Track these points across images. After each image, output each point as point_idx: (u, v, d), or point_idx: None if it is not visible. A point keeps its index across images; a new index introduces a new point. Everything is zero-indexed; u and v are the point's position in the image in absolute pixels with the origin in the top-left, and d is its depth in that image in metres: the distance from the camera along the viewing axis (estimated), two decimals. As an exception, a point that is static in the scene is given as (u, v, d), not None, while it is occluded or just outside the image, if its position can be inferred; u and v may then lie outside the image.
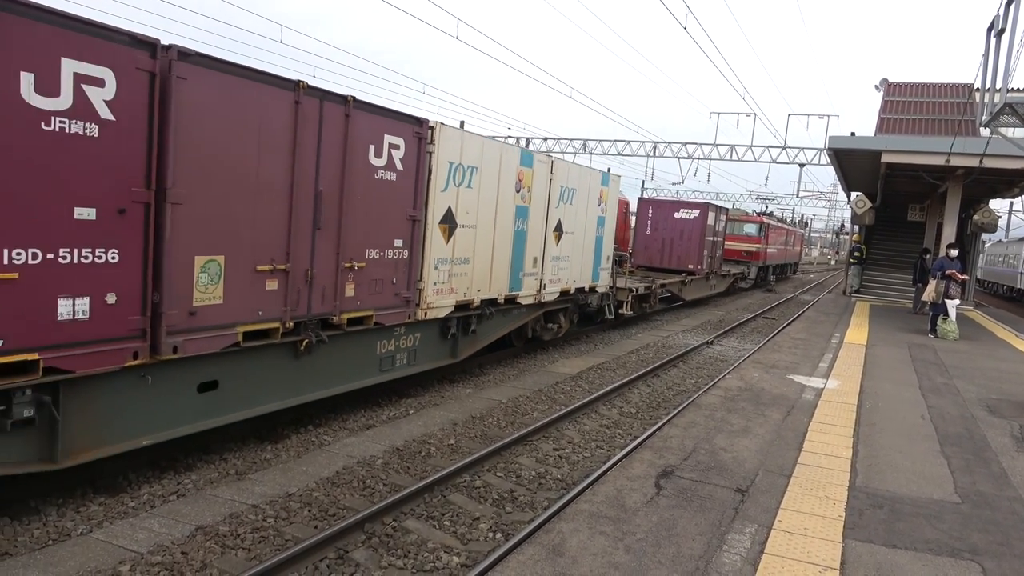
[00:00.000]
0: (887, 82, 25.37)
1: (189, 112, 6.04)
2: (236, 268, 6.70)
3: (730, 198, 60.83)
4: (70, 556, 5.11)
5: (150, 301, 5.94)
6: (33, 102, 4.99)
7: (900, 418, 8.17)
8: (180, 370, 6.43)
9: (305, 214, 7.40)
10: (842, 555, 4.55)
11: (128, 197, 5.66)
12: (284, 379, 7.63)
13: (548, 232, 12.65)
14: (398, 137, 8.56)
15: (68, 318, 5.35)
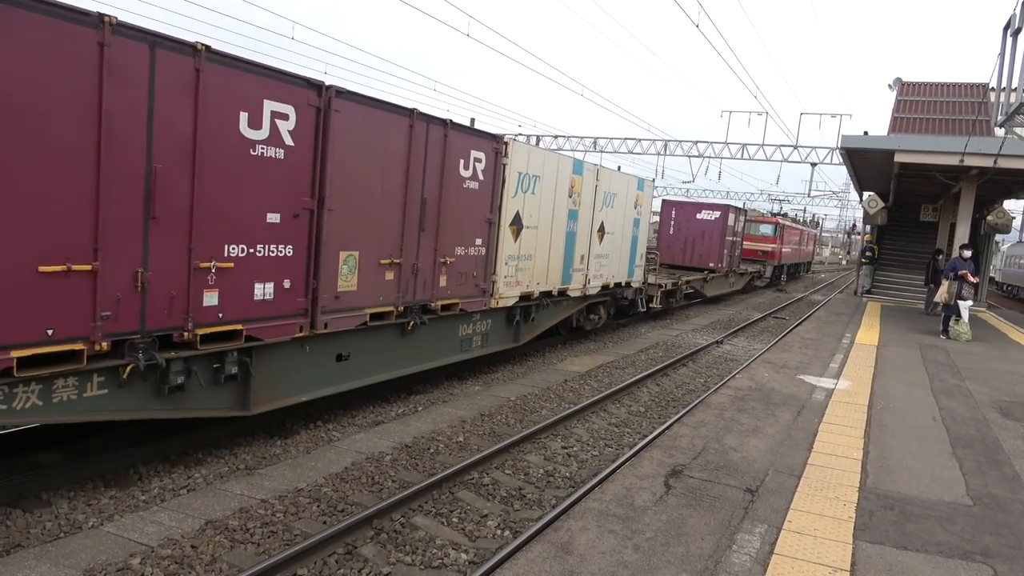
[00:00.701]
0: (901, 81, 25.19)
1: (338, 138, 7.52)
2: (367, 261, 8.26)
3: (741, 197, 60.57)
4: (81, 548, 5.15)
5: (311, 287, 7.51)
6: (246, 134, 6.60)
7: (911, 419, 8.12)
8: (326, 343, 8.03)
9: (413, 218, 8.89)
10: (852, 556, 4.52)
11: (300, 205, 7.25)
12: (392, 354, 9.20)
13: (593, 232, 14.02)
14: (480, 152, 10.06)
15: (260, 298, 6.98)
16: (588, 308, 15.04)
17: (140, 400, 6.21)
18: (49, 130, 5.19)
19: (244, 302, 6.80)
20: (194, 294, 6.33)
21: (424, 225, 9.09)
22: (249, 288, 6.84)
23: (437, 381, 10.93)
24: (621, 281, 15.99)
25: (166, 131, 5.94)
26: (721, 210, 24.97)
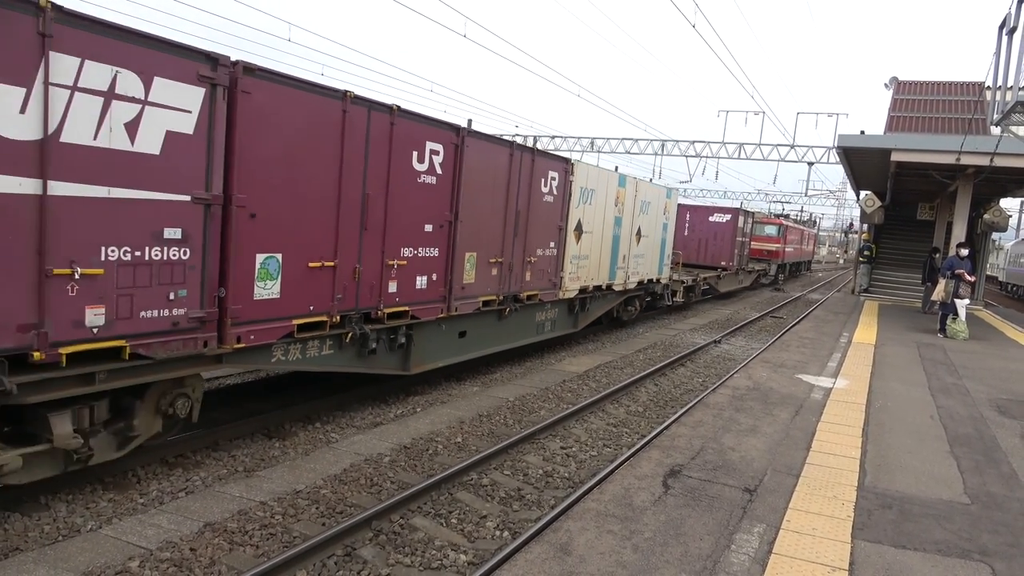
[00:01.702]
0: (897, 80, 25.23)
1: (467, 167, 9.81)
2: (481, 260, 10.60)
3: (739, 197, 60.62)
4: (79, 552, 5.14)
5: (448, 279, 9.85)
6: (415, 167, 8.92)
7: (909, 418, 8.13)
8: (454, 323, 10.37)
9: (510, 226, 11.24)
10: (851, 555, 4.53)
11: (444, 218, 9.60)
12: (493, 333, 11.51)
13: (632, 236, 16.28)
14: (555, 172, 12.40)
15: (419, 288, 9.30)
16: (626, 301, 17.15)
17: (350, 359, 8.51)
18: (316, 171, 7.45)
19: (410, 290, 9.18)
20: (384, 283, 8.67)
21: (517, 231, 11.45)
22: (413, 280, 9.21)
23: (435, 382, 10.93)
24: (653, 278, 18.18)
25: (373, 168, 8.20)
26: (731, 213, 27.20)
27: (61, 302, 5.36)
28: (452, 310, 10.01)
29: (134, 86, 5.63)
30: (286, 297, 7.29)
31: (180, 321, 6.23)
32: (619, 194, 15.15)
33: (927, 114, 22.96)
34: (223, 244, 6.55)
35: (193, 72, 6.06)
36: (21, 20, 4.93)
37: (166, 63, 5.85)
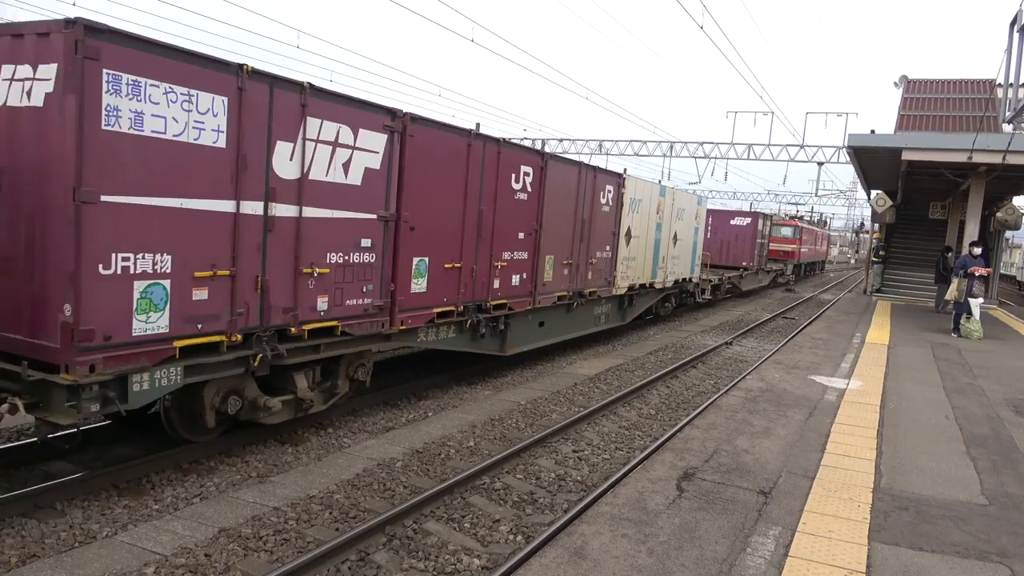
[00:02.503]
0: (906, 79, 25.08)
1: (549, 184, 11.85)
2: (557, 261, 12.56)
3: (748, 197, 60.45)
4: (96, 558, 5.16)
5: (533, 278, 11.79)
6: (513, 186, 10.93)
7: (924, 419, 8.07)
8: (536, 314, 12.34)
9: (578, 233, 13.18)
10: (868, 558, 4.49)
11: (531, 227, 11.61)
12: (563, 324, 13.51)
13: (669, 239, 18.14)
14: (611, 185, 14.41)
15: (514, 284, 11.33)
16: (663, 298, 19.08)
17: (466, 341, 10.56)
18: (449, 192, 9.54)
19: (508, 286, 11.14)
20: (491, 281, 10.70)
21: (582, 237, 13.36)
22: (511, 278, 11.21)
23: (447, 386, 10.94)
24: (687, 277, 20.11)
25: (486, 189, 10.24)
26: (751, 217, 29.61)
27: (305, 292, 7.46)
28: (537, 303, 12.08)
29: (348, 137, 7.71)
30: (430, 291, 9.41)
31: (368, 308, 8.33)
32: (660, 203, 17.20)
33: (938, 112, 22.81)
34: (394, 250, 8.66)
35: (380, 123, 8.13)
36: (293, 98, 7.00)
37: (365, 118, 7.92)
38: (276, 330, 7.13)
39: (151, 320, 5.97)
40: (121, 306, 5.73)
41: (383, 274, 8.44)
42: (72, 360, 5.43)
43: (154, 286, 5.96)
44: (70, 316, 5.42)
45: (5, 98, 5.70)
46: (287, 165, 6.99)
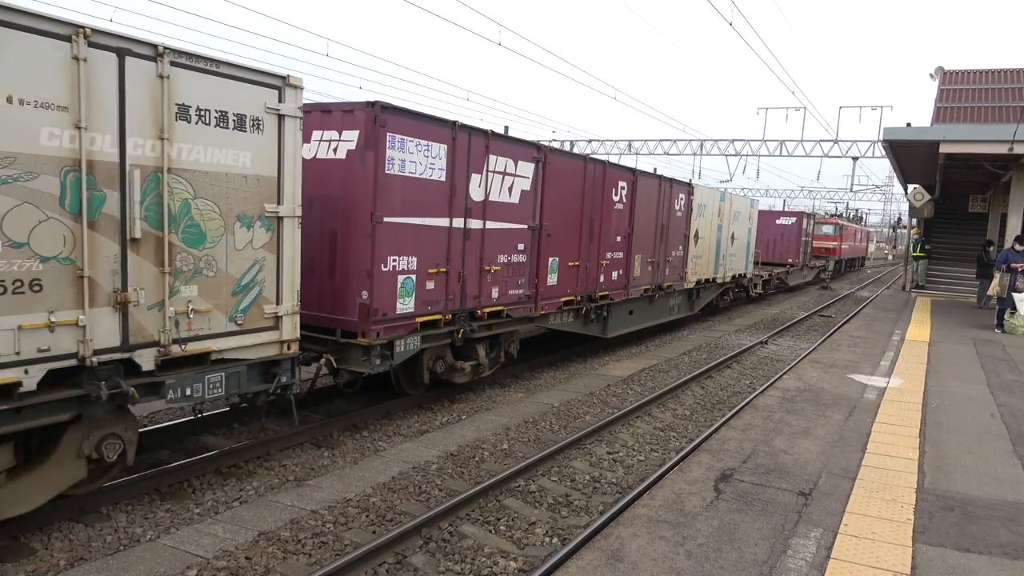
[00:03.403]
0: (943, 70, 24.56)
1: (638, 196, 14.17)
2: (643, 260, 14.84)
3: (781, 194, 59.66)
4: (140, 561, 5.27)
5: (627, 273, 14.07)
6: (613, 198, 13.17)
7: (968, 417, 7.88)
8: (628, 304, 14.57)
9: (658, 233, 15.43)
10: (912, 560, 4.40)
11: (625, 232, 13.86)
12: (645, 313, 15.65)
13: (728, 239, 20.19)
14: (682, 193, 16.58)
15: (613, 279, 13.63)
16: (721, 293, 21.01)
17: (580, 324, 12.84)
18: (571, 204, 11.85)
19: (609, 281, 13.49)
20: (597, 276, 13.00)
21: (662, 239, 15.59)
22: (611, 273, 13.53)
23: (480, 389, 10.96)
24: (742, 272, 22.20)
25: (595, 201, 12.58)
26: (796, 216, 31.76)
27: (486, 284, 9.97)
28: (629, 295, 14.31)
29: (511, 167, 10.18)
30: (559, 284, 11.78)
31: (521, 297, 10.77)
32: (720, 207, 19.31)
33: (976, 103, 22.29)
34: (538, 252, 11.03)
35: (530, 155, 10.60)
36: (481, 141, 9.47)
37: (522, 152, 10.40)
38: (468, 312, 9.66)
39: (405, 303, 8.54)
40: (391, 292, 8.29)
41: (530, 271, 10.97)
42: (367, 329, 8.00)
43: (407, 279, 8.54)
44: (366, 299, 7.98)
45: (315, 153, 8.19)
46: (477, 190, 9.52)
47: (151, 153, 5.60)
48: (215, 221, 6.11)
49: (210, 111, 5.98)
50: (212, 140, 6.01)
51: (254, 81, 6.26)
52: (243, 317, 6.43)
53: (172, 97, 5.67)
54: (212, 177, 6.04)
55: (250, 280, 6.45)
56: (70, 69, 5.09)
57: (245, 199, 6.32)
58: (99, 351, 5.38)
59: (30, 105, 4.90)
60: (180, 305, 5.90)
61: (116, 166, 5.40)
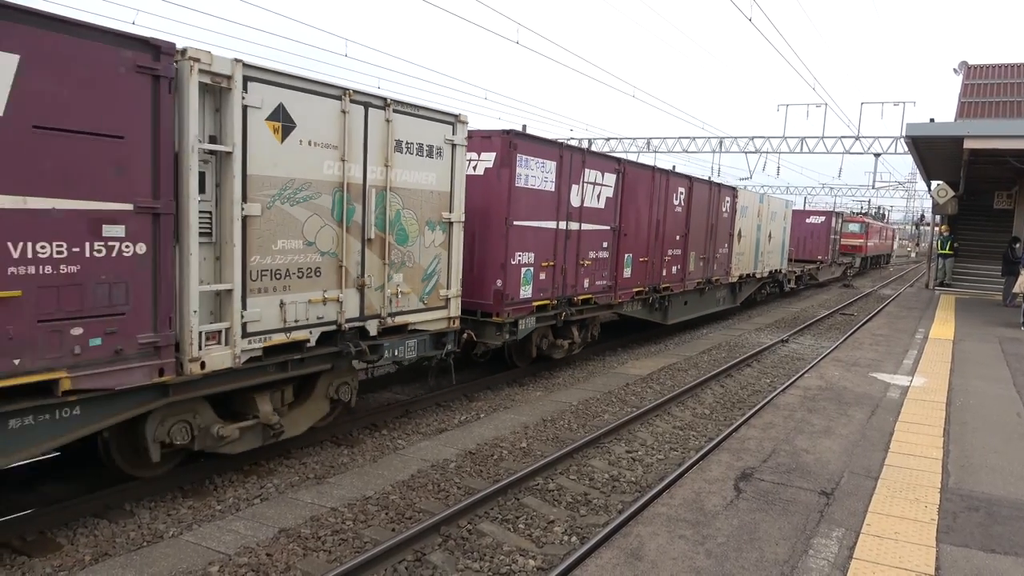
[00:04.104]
0: (967, 65, 24.18)
1: (693, 200, 16.03)
2: (696, 256, 16.59)
3: (801, 191, 59.14)
4: (163, 557, 5.33)
5: (683, 269, 15.90)
6: (673, 202, 15.36)
7: (994, 416, 7.76)
8: (684, 295, 16.43)
9: (709, 233, 17.32)
10: (936, 560, 4.34)
11: (683, 232, 15.75)
12: (697, 303, 17.50)
13: (765, 237, 22.14)
14: (728, 196, 18.47)
15: (673, 273, 15.52)
16: (760, 286, 23.01)
17: (645, 312, 14.73)
18: (642, 208, 13.80)
19: (670, 274, 15.42)
20: (661, 270, 14.92)
21: (711, 237, 17.40)
22: (671, 268, 15.45)
23: (498, 388, 10.96)
24: (778, 268, 24.17)
25: (660, 205, 14.51)
26: (826, 215, 33.62)
27: (580, 276, 11.94)
28: (685, 287, 16.19)
29: (599, 178, 12.16)
30: (632, 277, 13.72)
31: (604, 288, 12.77)
32: (760, 208, 21.26)
33: (1001, 98, 21.93)
34: (617, 250, 13.01)
35: (613, 167, 12.62)
36: (580, 157, 11.53)
37: (607, 164, 12.44)
38: (567, 299, 11.63)
39: (525, 290, 10.60)
40: (517, 281, 10.36)
41: (611, 265, 12.92)
42: (500, 310, 10.06)
43: (528, 270, 10.59)
44: (500, 286, 10.07)
45: None
46: (575, 198, 11.51)
47: (380, 177, 7.63)
48: (413, 225, 8.23)
49: (412, 143, 8.02)
50: (413, 165, 8.07)
51: (437, 119, 8.29)
52: (427, 298, 8.57)
53: (392, 135, 7.71)
54: (412, 193, 8.13)
55: (432, 270, 8.60)
56: (339, 119, 7.06)
57: (431, 208, 8.43)
58: (348, 320, 7.44)
59: (318, 146, 6.88)
60: (392, 288, 8.00)
61: (361, 187, 7.43)
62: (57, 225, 4.97)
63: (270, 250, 6.51)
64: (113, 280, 5.32)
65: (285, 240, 6.65)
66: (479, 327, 10.04)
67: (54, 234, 4.96)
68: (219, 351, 6.14)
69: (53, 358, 5.03)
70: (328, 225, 7.06)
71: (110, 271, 5.30)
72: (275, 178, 6.48)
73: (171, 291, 5.71)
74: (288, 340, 6.81)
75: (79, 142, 5.02)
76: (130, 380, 5.48)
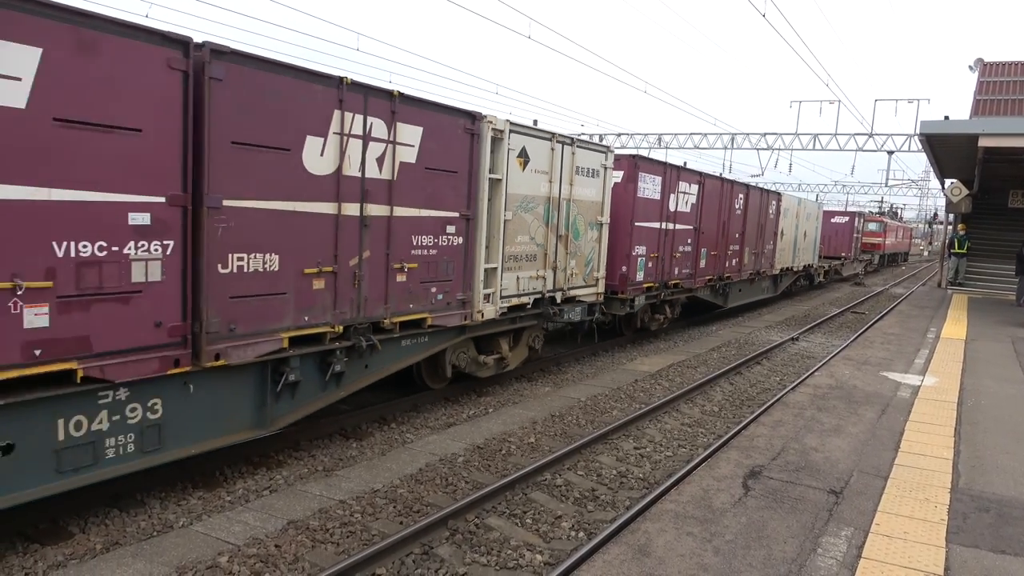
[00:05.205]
0: (982, 62, 23.92)
1: (748, 204, 18.92)
2: (750, 251, 19.37)
3: (814, 189, 58.80)
4: (173, 547, 5.38)
5: (740, 262, 18.80)
6: (734, 205, 18.11)
7: (1006, 417, 7.70)
8: (737, 283, 18.94)
9: (759, 232, 19.81)
10: (946, 560, 4.32)
11: (741, 230, 18.66)
12: (748, 291, 20.13)
13: (801, 235, 24.87)
14: (774, 201, 21.07)
15: (731, 265, 18.26)
16: (795, 279, 25.60)
17: (712, 296, 17.31)
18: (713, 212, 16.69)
19: (729, 266, 17.91)
20: (724, 262, 17.45)
21: (760, 236, 20.04)
22: (732, 260, 18.02)
23: (507, 383, 10.97)
24: (811, 263, 26.89)
25: (725, 208, 17.15)
26: (849, 216, 36.49)
27: (673, 265, 14.81)
28: (741, 277, 18.87)
29: (688, 188, 15.18)
30: (706, 267, 16.50)
31: (687, 275, 15.57)
32: (797, 209, 23.95)
33: (1017, 96, 21.69)
34: (696, 245, 15.83)
35: (697, 179, 15.69)
36: (675, 172, 15.02)
37: (693, 177, 15.38)
38: (664, 283, 14.58)
39: (639, 275, 13.52)
40: (635, 268, 13.32)
41: (693, 257, 15.78)
42: (624, 289, 13.05)
43: (642, 260, 13.59)
44: (624, 271, 12.93)
45: None
46: (671, 204, 14.52)
47: (567, 192, 10.86)
48: (582, 226, 11.42)
49: (584, 167, 11.23)
50: (583, 183, 11.30)
51: (598, 150, 11.59)
52: (587, 278, 11.76)
53: (575, 163, 10.95)
54: (582, 203, 11.35)
55: (590, 258, 11.82)
56: (549, 154, 10.38)
57: (591, 213, 11.66)
58: (548, 291, 10.72)
59: (538, 173, 10.17)
60: (569, 270, 11.17)
61: (557, 200, 10.66)
62: (431, 225, 8.29)
63: (514, 242, 9.79)
64: (448, 259, 8.64)
65: (521, 236, 9.93)
66: (608, 301, 12.88)
67: (429, 230, 8.27)
68: (489, 307, 9.41)
69: (424, 304, 8.36)
70: (541, 226, 10.37)
71: (447, 254, 8.61)
72: (518, 195, 9.78)
73: (471, 267, 9.05)
74: (519, 303, 10.12)
75: (443, 177, 8.37)
76: (452, 321, 8.85)
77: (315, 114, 6.63)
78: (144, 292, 5.42)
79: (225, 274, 6.00)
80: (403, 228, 7.86)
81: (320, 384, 7.27)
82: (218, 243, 5.91)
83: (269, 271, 6.38)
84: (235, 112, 5.90)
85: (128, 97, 5.15)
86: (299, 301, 6.70)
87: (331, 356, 7.22)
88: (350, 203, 7.12)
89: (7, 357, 4.70)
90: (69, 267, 4.95)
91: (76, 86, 4.88)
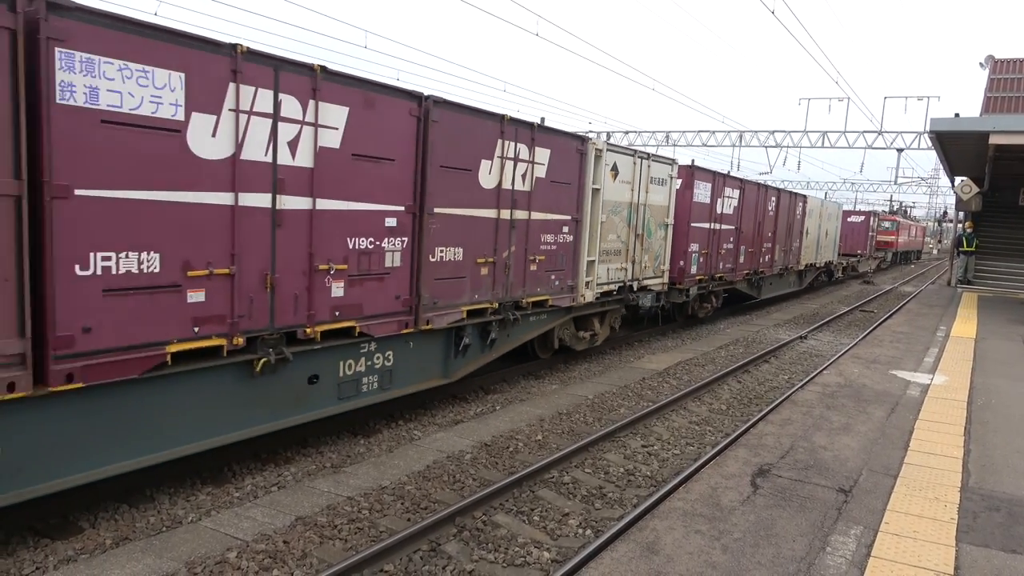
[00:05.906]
0: (993, 59, 23.74)
1: (780, 207, 21.05)
2: (780, 248, 21.22)
3: (822, 187, 58.58)
4: (182, 542, 5.40)
5: (772, 257, 20.62)
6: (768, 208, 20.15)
7: (1016, 416, 7.65)
8: (770, 277, 20.94)
9: (787, 231, 21.78)
10: (956, 560, 4.30)
11: (774, 230, 20.61)
12: (777, 284, 22.30)
13: (823, 234, 26.65)
14: (800, 202, 22.62)
15: (765, 261, 20.17)
16: (817, 274, 27.41)
17: (748, 288, 19.71)
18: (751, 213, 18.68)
19: (763, 261, 19.74)
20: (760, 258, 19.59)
21: (788, 235, 21.72)
22: (766, 256, 19.90)
23: (514, 380, 10.97)
24: (831, 260, 28.97)
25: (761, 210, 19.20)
26: (865, 215, 38.60)
27: (718, 260, 16.82)
28: (772, 271, 20.59)
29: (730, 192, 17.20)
30: (744, 262, 18.24)
31: (729, 269, 17.26)
32: (820, 210, 25.84)
33: (1029, 93, 21.50)
34: (736, 243, 17.47)
35: (738, 184, 17.67)
36: (722, 180, 17.17)
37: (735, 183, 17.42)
38: (711, 275, 16.28)
39: (693, 268, 15.29)
40: (690, 262, 15.08)
41: (734, 253, 17.42)
42: (682, 280, 14.87)
43: (695, 255, 15.37)
44: (682, 265, 14.79)
45: None
46: (718, 207, 16.23)
47: (643, 198, 12.79)
48: (653, 226, 13.29)
49: (655, 177, 13.15)
50: (654, 191, 13.20)
51: (666, 162, 13.46)
52: (655, 270, 13.66)
53: (649, 173, 12.87)
54: (653, 207, 13.24)
55: (658, 253, 13.76)
56: (632, 167, 12.34)
57: (660, 216, 13.60)
58: (627, 280, 12.62)
59: (624, 183, 12.14)
60: (642, 263, 13.06)
61: (635, 205, 12.60)
62: (553, 226, 10.36)
63: (606, 239, 11.72)
64: (563, 253, 10.63)
65: (610, 235, 11.85)
66: (668, 292, 14.62)
67: (552, 230, 10.34)
68: (588, 292, 11.38)
69: (546, 289, 10.38)
70: (625, 226, 12.31)
71: (562, 248, 10.59)
72: (610, 201, 11.72)
73: (578, 260, 11.02)
74: (608, 289, 12.07)
75: (562, 188, 10.46)
76: (564, 302, 10.82)
77: (486, 143, 8.78)
78: (391, 274, 7.61)
79: (433, 262, 8.14)
80: (536, 228, 9.99)
81: (481, 347, 9.48)
82: (430, 239, 8.03)
83: (456, 260, 8.54)
84: (443, 143, 8.01)
85: (388, 137, 7.29)
86: (473, 283, 8.89)
87: (489, 326, 9.42)
88: (504, 209, 9.26)
89: (322, 316, 6.86)
90: (354, 255, 7.13)
91: (364, 131, 7.00)
